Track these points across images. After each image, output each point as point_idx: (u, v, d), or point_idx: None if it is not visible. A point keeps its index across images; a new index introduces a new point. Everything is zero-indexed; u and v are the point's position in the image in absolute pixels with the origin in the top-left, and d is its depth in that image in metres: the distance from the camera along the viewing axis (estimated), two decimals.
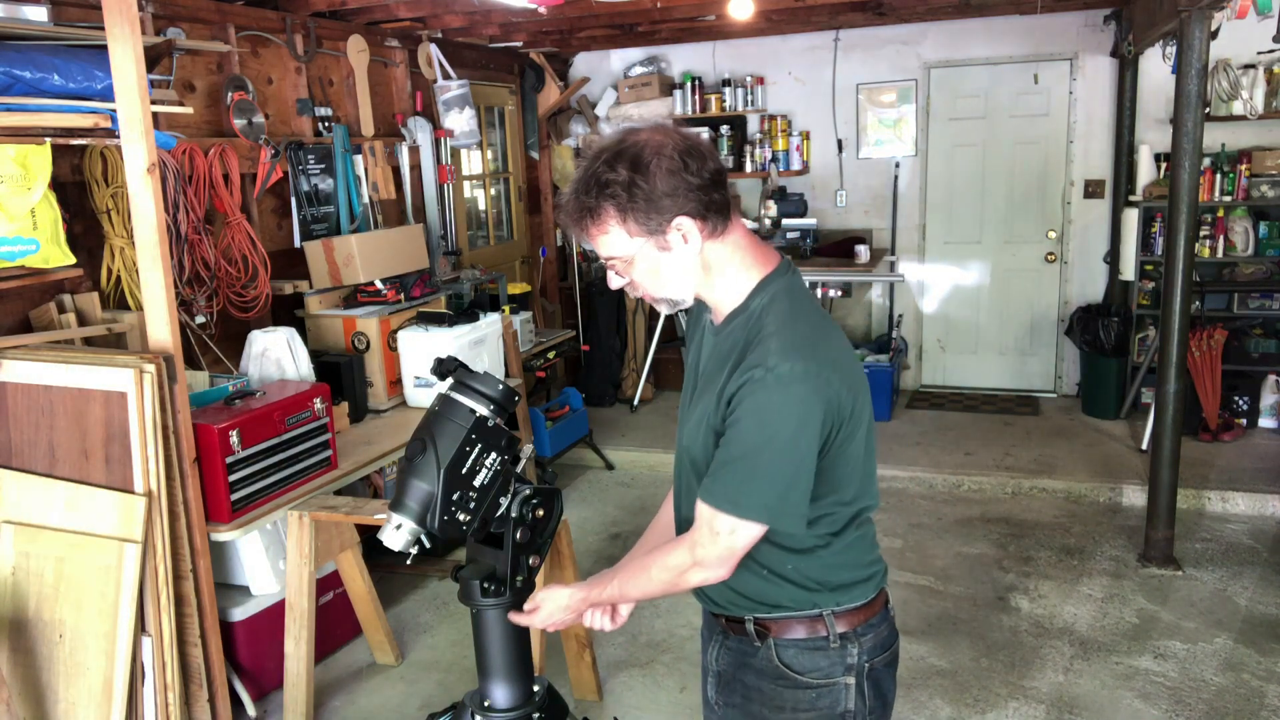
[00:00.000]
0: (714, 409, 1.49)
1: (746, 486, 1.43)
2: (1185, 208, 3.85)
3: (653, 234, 1.47)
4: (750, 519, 1.45)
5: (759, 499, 1.44)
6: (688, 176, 1.44)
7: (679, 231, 1.47)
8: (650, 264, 1.50)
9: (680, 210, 1.45)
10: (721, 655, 1.66)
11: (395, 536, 1.55)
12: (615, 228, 1.47)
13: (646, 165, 1.43)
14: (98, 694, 2.66)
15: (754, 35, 6.41)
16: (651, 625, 3.77)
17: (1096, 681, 3.29)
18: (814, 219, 6.30)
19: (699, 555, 1.49)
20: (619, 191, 1.44)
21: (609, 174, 1.44)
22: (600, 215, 1.47)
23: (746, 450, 1.43)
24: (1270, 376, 5.51)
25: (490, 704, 1.67)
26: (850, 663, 1.56)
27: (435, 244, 5.18)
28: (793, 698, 1.56)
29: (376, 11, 4.60)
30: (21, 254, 2.90)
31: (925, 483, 5.14)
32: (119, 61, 2.60)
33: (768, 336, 1.45)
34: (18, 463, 2.83)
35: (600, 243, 1.51)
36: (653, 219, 1.45)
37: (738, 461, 1.44)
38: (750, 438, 1.42)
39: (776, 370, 1.41)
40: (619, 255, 1.50)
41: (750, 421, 1.42)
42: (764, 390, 1.41)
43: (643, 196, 1.43)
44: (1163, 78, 5.55)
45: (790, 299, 1.51)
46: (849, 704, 1.56)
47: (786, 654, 1.56)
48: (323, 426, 3.28)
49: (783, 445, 1.42)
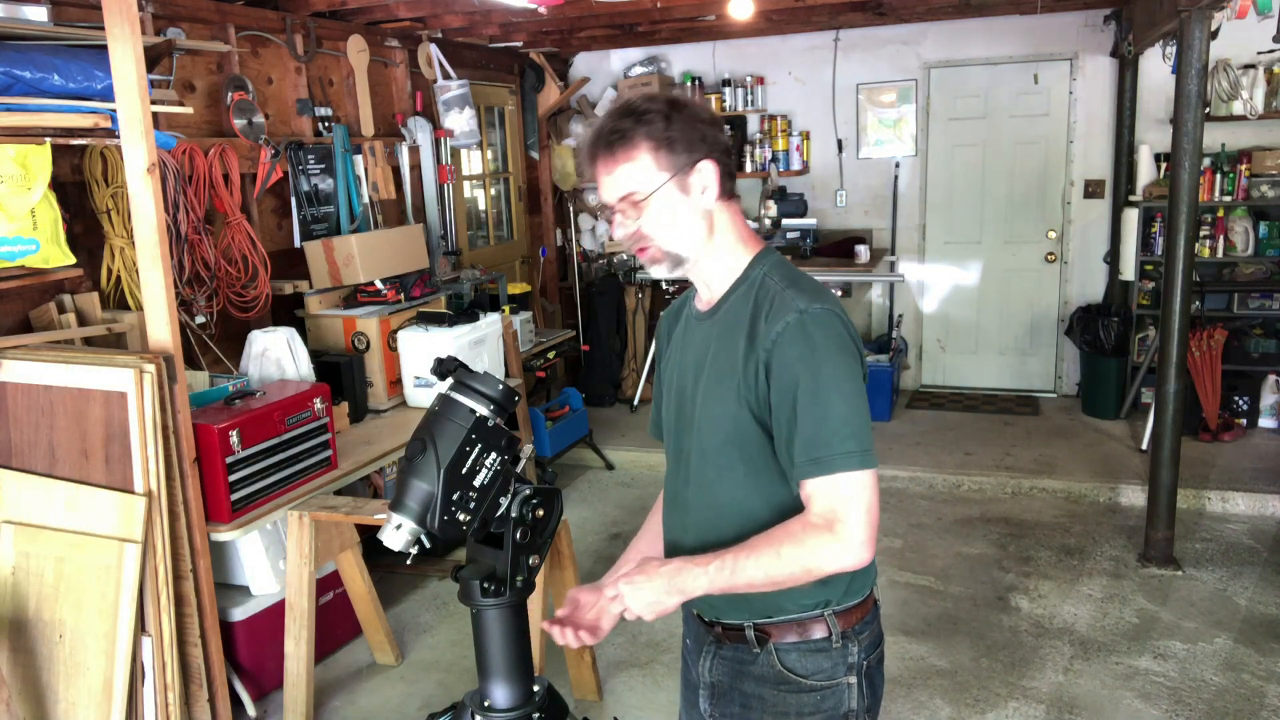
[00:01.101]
0: (742, 381, 1.45)
1: (835, 437, 1.38)
2: (1185, 208, 3.85)
3: (678, 171, 1.46)
4: (853, 467, 1.38)
5: (845, 445, 1.38)
6: (715, 130, 1.49)
7: (701, 175, 1.47)
8: (667, 205, 1.47)
9: (707, 154, 1.47)
10: (715, 666, 1.61)
11: (395, 536, 1.55)
12: (645, 157, 1.45)
13: (683, 105, 1.47)
14: (98, 694, 2.66)
15: (754, 35, 6.41)
16: (651, 625, 3.77)
17: (1096, 681, 3.29)
18: (814, 219, 6.30)
19: (841, 534, 1.37)
20: (657, 119, 1.44)
21: (647, 105, 1.46)
22: (633, 141, 1.45)
23: (818, 399, 1.39)
24: (1270, 376, 5.51)
25: (490, 704, 1.67)
26: (851, 661, 1.54)
27: (435, 244, 5.18)
28: (796, 702, 1.53)
29: (376, 11, 4.59)
30: (21, 254, 2.90)
31: (925, 483, 5.14)
32: (119, 61, 2.60)
33: (783, 290, 1.46)
34: (18, 463, 2.83)
35: (622, 173, 1.46)
36: (682, 155, 1.45)
37: (819, 416, 1.38)
38: (812, 383, 1.39)
39: (810, 310, 1.42)
40: (639, 190, 1.46)
41: (802, 367, 1.40)
42: (804, 331, 1.41)
43: (678, 129, 1.45)
44: (1163, 78, 5.55)
45: (787, 267, 1.54)
46: (852, 703, 1.55)
47: (788, 658, 1.53)
48: (323, 426, 3.28)
49: (842, 381, 1.40)
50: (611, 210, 1.52)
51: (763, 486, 1.50)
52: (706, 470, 1.55)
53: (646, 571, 1.48)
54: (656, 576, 1.46)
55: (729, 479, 1.52)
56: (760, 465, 1.49)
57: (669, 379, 1.66)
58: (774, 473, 1.49)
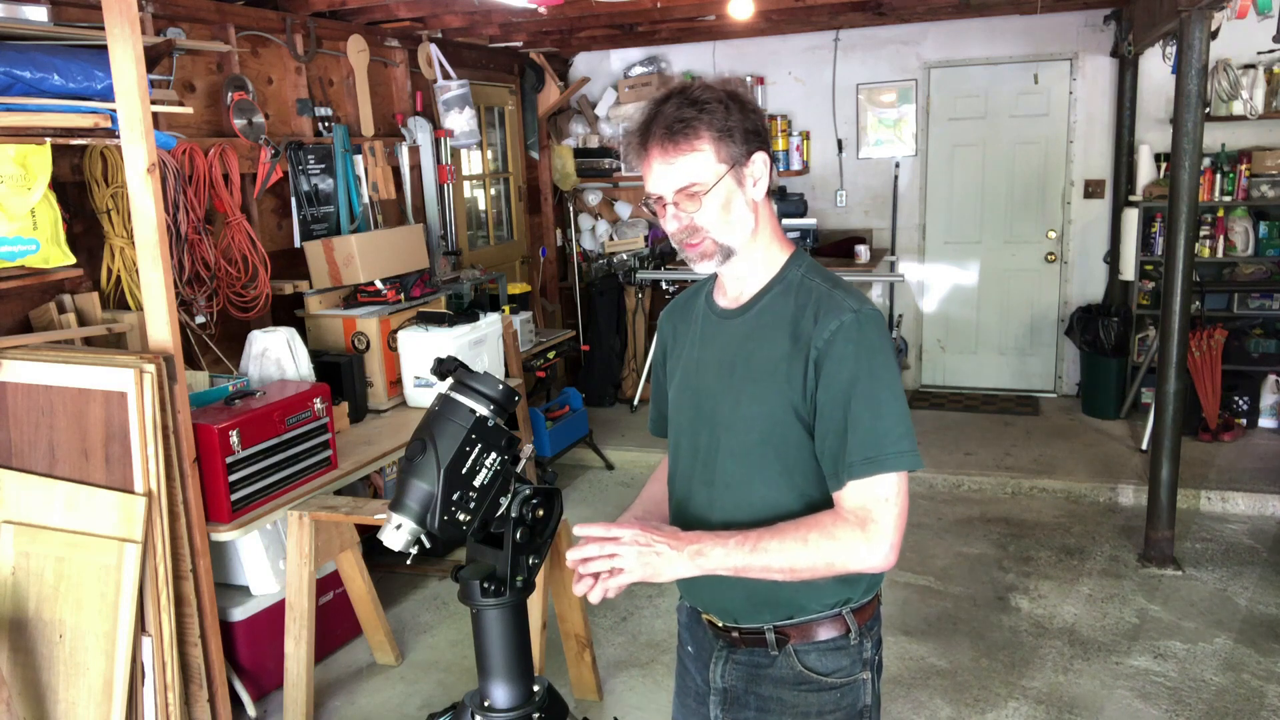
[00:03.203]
0: (785, 382, 1.45)
1: (888, 435, 1.40)
2: (1185, 208, 3.85)
3: (736, 164, 1.45)
4: (905, 467, 1.41)
5: (903, 442, 1.41)
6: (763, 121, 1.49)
7: (754, 167, 1.48)
8: (724, 198, 1.45)
9: (761, 145, 1.48)
10: (729, 671, 1.59)
11: (395, 536, 1.55)
12: (707, 147, 1.43)
13: (739, 97, 1.46)
14: (98, 694, 2.66)
15: (754, 35, 6.41)
16: (652, 625, 3.77)
17: (1096, 681, 3.29)
18: (814, 219, 6.30)
19: (872, 535, 1.39)
20: (718, 110, 1.43)
21: (706, 94, 1.44)
22: (697, 131, 1.42)
23: (871, 400, 1.40)
24: (1270, 376, 5.51)
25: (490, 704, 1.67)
26: (866, 657, 1.56)
27: (435, 244, 5.18)
28: (818, 701, 1.53)
29: (376, 11, 4.59)
30: (21, 254, 2.90)
31: (925, 483, 5.14)
32: (119, 61, 2.60)
33: (831, 290, 1.48)
34: (18, 463, 2.83)
35: (683, 163, 1.43)
36: (739, 146, 1.45)
37: (870, 416, 1.40)
38: (867, 384, 1.40)
39: (863, 310, 1.44)
40: (701, 183, 1.44)
41: (859, 365, 1.41)
42: (860, 331, 1.42)
43: (738, 117, 1.44)
44: (1163, 78, 5.55)
45: (822, 269, 1.55)
46: (867, 698, 1.56)
47: (809, 658, 1.53)
48: (323, 426, 3.28)
49: (894, 380, 1.42)
50: (662, 202, 1.48)
51: (798, 484, 1.50)
52: (738, 470, 1.52)
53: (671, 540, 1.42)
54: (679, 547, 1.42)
55: (762, 478, 1.51)
56: (795, 464, 1.49)
57: (681, 376, 1.64)
58: (809, 471, 1.48)
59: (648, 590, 4.01)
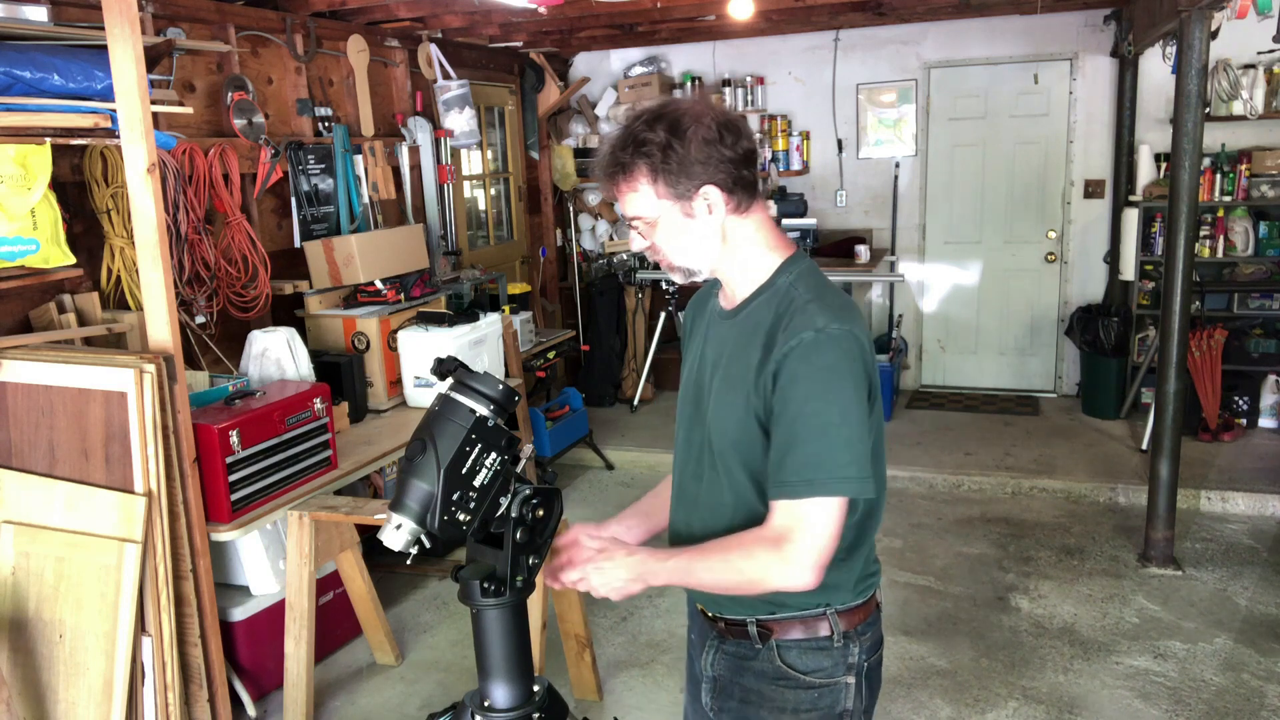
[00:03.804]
0: (753, 390, 1.47)
1: (827, 459, 1.39)
2: (1185, 208, 3.85)
3: (679, 198, 1.49)
4: (839, 493, 1.40)
5: (843, 469, 1.39)
6: (721, 148, 1.47)
7: (705, 200, 1.49)
8: (673, 228, 1.52)
9: (709, 179, 1.48)
10: (718, 660, 1.63)
11: (395, 536, 1.55)
12: (645, 186, 1.49)
13: (684, 130, 1.46)
14: (98, 694, 2.66)
15: (754, 35, 6.41)
16: (652, 625, 3.77)
17: (1096, 681, 3.29)
18: (814, 219, 6.30)
19: (789, 554, 1.40)
20: (654, 151, 1.46)
21: (647, 133, 1.47)
22: (632, 172, 1.49)
23: (817, 421, 1.40)
24: (1270, 376, 5.51)
25: (490, 704, 1.67)
26: (851, 662, 1.55)
27: (435, 244, 5.18)
28: (794, 698, 1.55)
29: (376, 11, 4.59)
30: (21, 254, 2.90)
31: (925, 483, 5.14)
32: (119, 61, 2.60)
33: (806, 304, 1.47)
34: (18, 463, 2.83)
35: (628, 200, 1.52)
36: (681, 183, 1.47)
37: (811, 436, 1.40)
38: (816, 405, 1.40)
39: (828, 330, 1.42)
40: (644, 215, 1.52)
41: (811, 385, 1.40)
42: (818, 351, 1.41)
43: (676, 160, 1.46)
44: (1163, 78, 5.55)
45: (817, 277, 1.55)
46: (848, 703, 1.56)
47: (789, 655, 1.55)
48: (323, 426, 3.28)
49: (848, 404, 1.40)
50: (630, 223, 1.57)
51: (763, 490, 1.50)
52: (714, 468, 1.56)
53: (614, 556, 1.55)
54: (623, 563, 1.54)
55: (733, 480, 1.54)
56: (761, 470, 1.50)
57: (688, 369, 1.67)
58: None
59: (648, 590, 4.01)
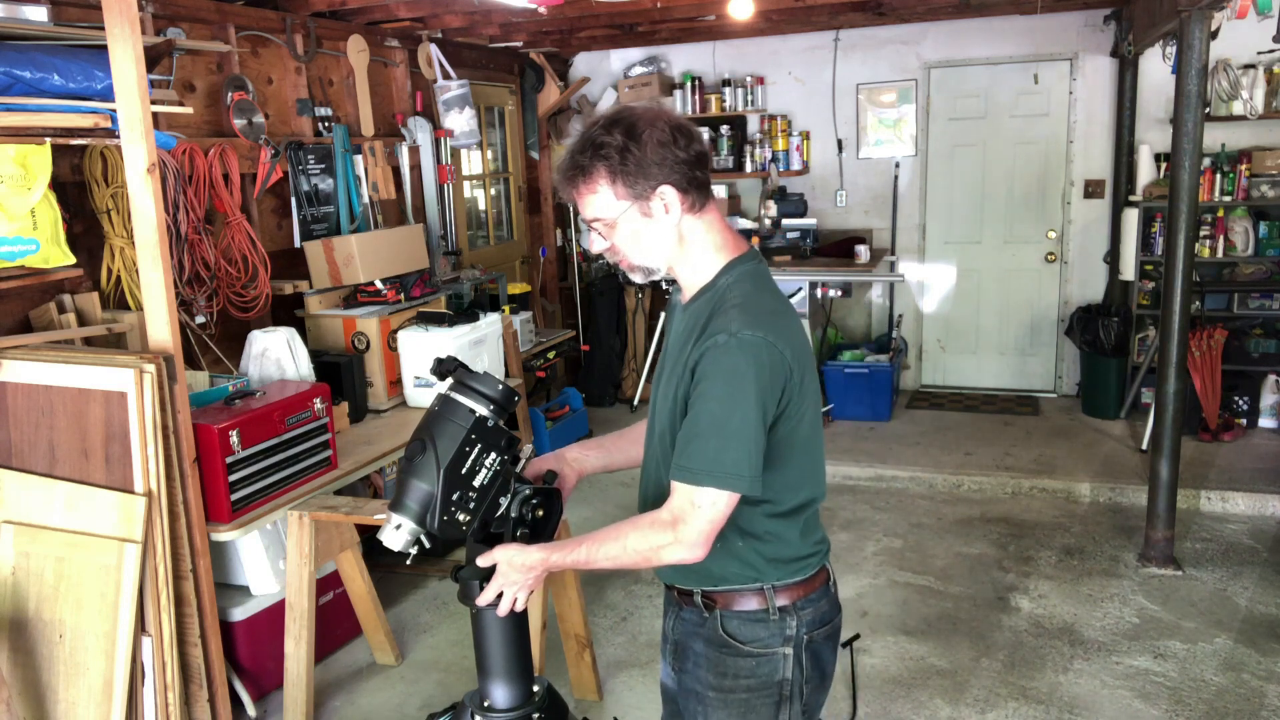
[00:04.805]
0: (680, 378, 1.57)
1: (722, 455, 1.49)
2: (1185, 208, 3.85)
3: (638, 199, 1.56)
4: (730, 488, 1.49)
5: (736, 466, 1.49)
6: (676, 150, 1.54)
7: (662, 200, 1.56)
8: (632, 228, 1.59)
9: (666, 179, 1.55)
10: (677, 625, 1.74)
11: (395, 536, 1.55)
12: (604, 188, 1.56)
13: (640, 134, 1.53)
14: (98, 694, 2.66)
15: (754, 35, 6.41)
16: (652, 625, 3.77)
17: (1096, 681, 3.30)
18: (814, 219, 6.31)
19: (681, 534, 1.52)
20: (612, 154, 1.53)
21: (604, 137, 1.54)
22: (592, 175, 1.56)
23: (716, 419, 1.49)
24: (1270, 376, 5.51)
25: (490, 704, 1.67)
26: (789, 634, 1.64)
27: (435, 244, 5.18)
28: (734, 665, 1.65)
29: (376, 11, 4.59)
30: (21, 254, 2.90)
31: (925, 483, 5.14)
32: (119, 61, 2.60)
33: (731, 307, 1.54)
34: (18, 463, 2.83)
35: (588, 202, 1.59)
36: (639, 184, 1.54)
37: (710, 432, 1.49)
38: (717, 405, 1.49)
39: (740, 335, 1.50)
40: (604, 216, 1.59)
41: (716, 386, 1.49)
42: (727, 354, 1.49)
43: (633, 161, 1.53)
44: (1163, 78, 5.55)
45: (755, 281, 1.61)
46: (786, 673, 1.65)
47: (731, 624, 1.65)
48: (323, 426, 3.28)
49: (748, 408, 1.49)
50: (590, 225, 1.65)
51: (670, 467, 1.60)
52: (659, 450, 1.67)
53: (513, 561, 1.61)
54: (523, 563, 1.61)
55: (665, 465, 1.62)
56: None
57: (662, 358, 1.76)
58: None
59: (648, 590, 4.01)
